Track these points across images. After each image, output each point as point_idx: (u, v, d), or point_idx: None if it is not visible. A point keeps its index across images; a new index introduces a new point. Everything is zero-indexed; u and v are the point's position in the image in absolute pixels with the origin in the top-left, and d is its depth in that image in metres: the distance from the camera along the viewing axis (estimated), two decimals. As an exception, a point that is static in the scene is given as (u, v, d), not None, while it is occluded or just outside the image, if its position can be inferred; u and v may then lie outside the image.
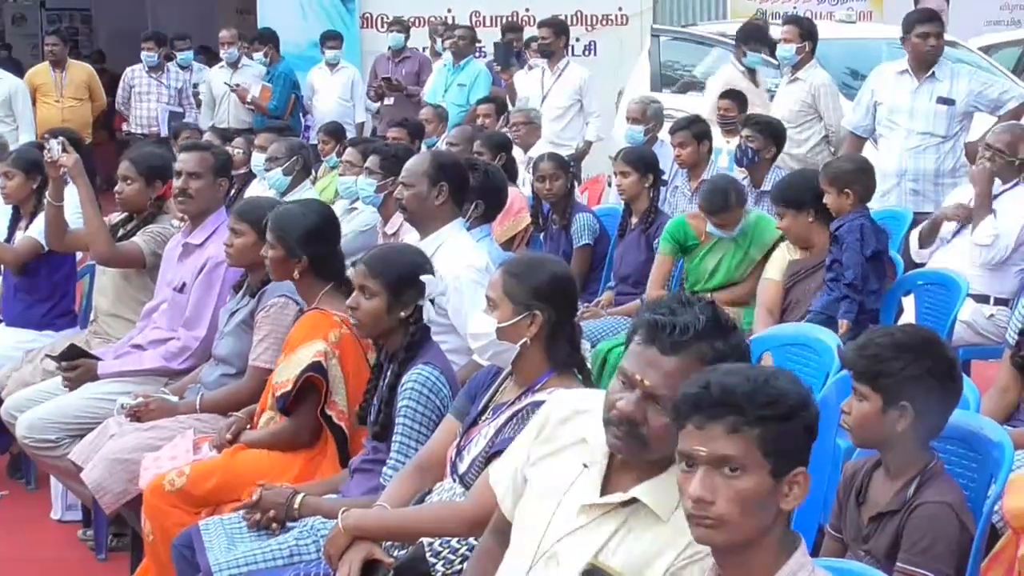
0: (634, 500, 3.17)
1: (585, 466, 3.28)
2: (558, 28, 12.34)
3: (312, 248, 5.33)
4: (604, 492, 3.23)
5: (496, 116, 11.16)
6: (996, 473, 4.00)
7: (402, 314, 4.70)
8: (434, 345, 4.83)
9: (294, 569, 4.31)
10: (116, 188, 6.86)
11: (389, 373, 4.74)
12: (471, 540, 3.94)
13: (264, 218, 5.56)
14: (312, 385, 5.08)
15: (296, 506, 4.60)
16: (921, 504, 3.79)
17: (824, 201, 6.57)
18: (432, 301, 4.73)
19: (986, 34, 14.47)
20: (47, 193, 6.94)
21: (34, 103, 13.91)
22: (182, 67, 15.16)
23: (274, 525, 4.60)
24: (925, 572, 3.70)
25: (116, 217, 7.29)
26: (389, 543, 4.14)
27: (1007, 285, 7.19)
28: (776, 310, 6.71)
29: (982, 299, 7.03)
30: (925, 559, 3.71)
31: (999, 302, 7.14)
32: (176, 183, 6.52)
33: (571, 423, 3.40)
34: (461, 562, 3.96)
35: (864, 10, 16.70)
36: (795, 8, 15.29)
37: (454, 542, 4.01)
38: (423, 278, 4.70)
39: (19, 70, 15.54)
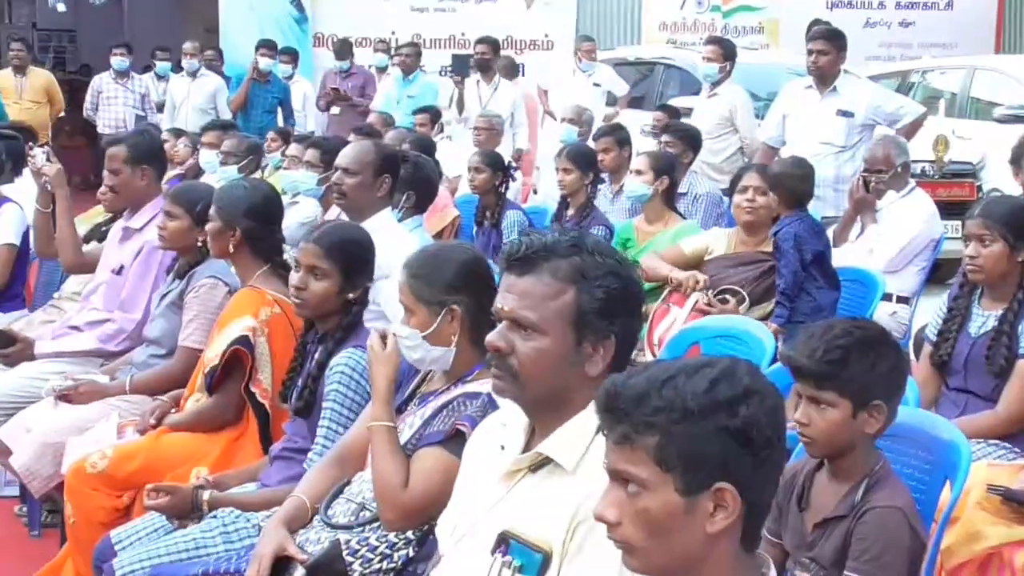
0: (541, 459, 2.58)
1: (502, 447, 2.70)
2: (495, 45, 12.16)
3: (250, 223, 4.62)
4: None
5: (431, 124, 10.67)
6: (952, 475, 3.24)
7: (350, 296, 3.98)
8: (363, 328, 4.06)
9: (202, 563, 3.50)
10: (101, 190, 6.00)
11: (319, 352, 3.99)
12: (390, 537, 3.20)
13: (198, 203, 4.92)
14: (238, 361, 4.38)
15: (203, 502, 3.81)
16: (870, 509, 3.02)
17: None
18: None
19: (868, 64, 14.23)
20: (36, 200, 6.15)
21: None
22: (159, 76, 14.68)
23: (186, 523, 3.83)
24: (874, 581, 2.95)
25: (97, 217, 6.77)
26: (303, 539, 3.34)
27: (907, 284, 6.66)
28: (668, 263, 5.95)
29: (885, 297, 6.37)
30: (875, 567, 2.96)
31: (900, 300, 6.59)
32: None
33: (491, 418, 2.87)
34: (380, 560, 3.19)
35: (763, 42, 16.88)
36: (700, 39, 14.93)
37: (373, 539, 3.23)
38: (378, 261, 4.08)
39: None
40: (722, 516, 2.00)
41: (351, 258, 3.99)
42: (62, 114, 15.27)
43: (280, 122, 13.01)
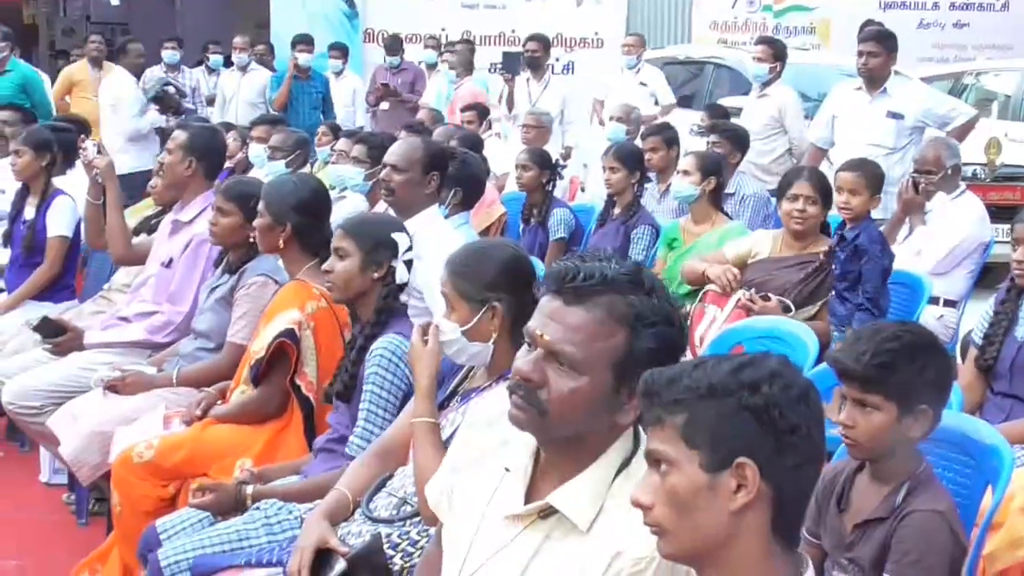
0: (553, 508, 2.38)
1: (507, 470, 2.50)
2: (545, 43, 12.04)
3: (298, 218, 4.66)
4: (529, 500, 2.44)
5: (479, 121, 10.61)
6: (994, 480, 3.23)
7: (375, 275, 4.02)
8: (406, 318, 4.10)
9: (245, 554, 3.54)
10: (151, 183, 6.23)
11: (359, 338, 4.04)
12: (431, 532, 3.19)
13: (250, 199, 4.94)
14: (284, 353, 4.41)
15: (247, 496, 3.86)
16: (911, 512, 3.01)
17: (846, 202, 5.70)
18: (408, 264, 4.07)
19: (921, 66, 14.11)
20: (87, 191, 6.24)
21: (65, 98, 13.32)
22: (211, 70, 14.70)
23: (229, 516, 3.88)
24: (914, 585, 2.95)
25: (147, 210, 6.82)
26: (345, 532, 3.37)
27: (955, 287, 6.61)
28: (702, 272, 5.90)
29: (932, 300, 6.34)
30: (915, 571, 2.95)
31: (948, 303, 6.55)
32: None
33: (496, 425, 2.57)
34: (420, 555, 3.19)
35: (814, 43, 16.78)
36: (751, 39, 14.86)
37: (414, 533, 3.26)
38: (394, 235, 4.07)
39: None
40: (743, 494, 2.03)
41: (371, 236, 4.05)
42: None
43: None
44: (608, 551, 2.29)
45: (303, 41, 13.48)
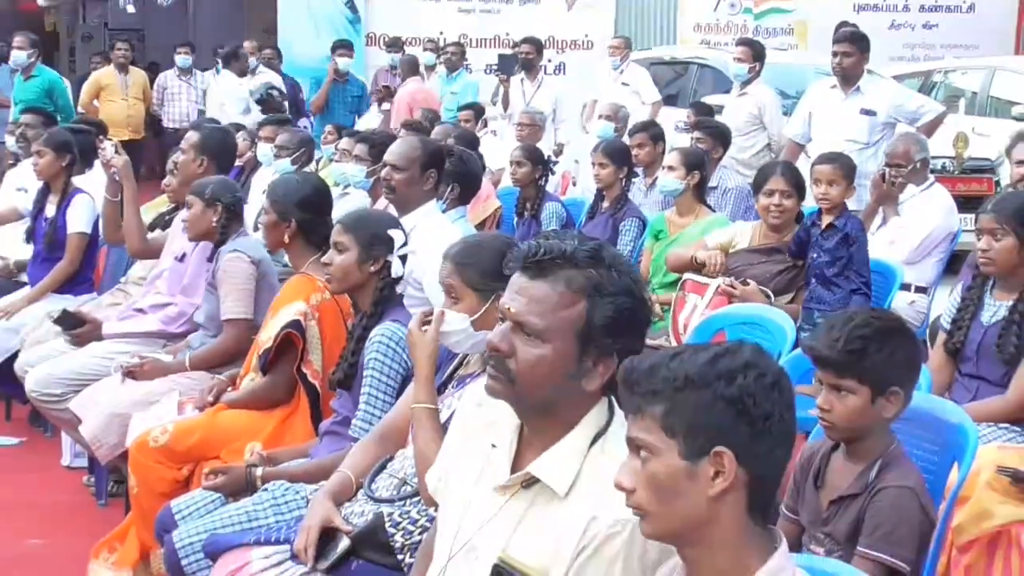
0: (532, 477, 2.41)
1: (493, 446, 2.54)
2: (538, 45, 12.05)
3: (302, 214, 4.66)
4: (514, 472, 2.48)
5: (475, 120, 10.62)
6: (960, 457, 3.23)
7: (372, 268, 4.04)
8: (402, 307, 4.12)
9: (254, 533, 3.53)
10: (165, 181, 6.20)
11: (357, 328, 4.06)
12: (431, 512, 3.19)
13: (206, 188, 5.22)
14: (291, 343, 4.42)
15: (256, 478, 3.86)
16: (883, 488, 3.01)
17: (825, 193, 5.59)
18: (403, 259, 4.08)
19: (892, 65, 14.10)
20: (105, 189, 6.23)
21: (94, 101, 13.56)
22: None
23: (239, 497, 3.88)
24: (886, 557, 2.95)
25: (162, 206, 6.73)
26: (349, 512, 3.37)
27: (926, 275, 6.58)
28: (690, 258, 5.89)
29: (903, 287, 6.32)
30: (887, 544, 2.95)
31: (919, 290, 6.53)
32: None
33: (485, 407, 2.61)
34: (420, 532, 3.21)
35: (792, 43, 16.81)
36: (733, 40, 14.85)
37: (414, 512, 3.26)
38: (390, 232, 4.08)
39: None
40: (721, 480, 2.03)
41: (366, 230, 4.07)
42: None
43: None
44: (584, 515, 2.31)
45: (343, 46, 13.51)
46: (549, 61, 15.11)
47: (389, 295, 4.07)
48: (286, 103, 12.29)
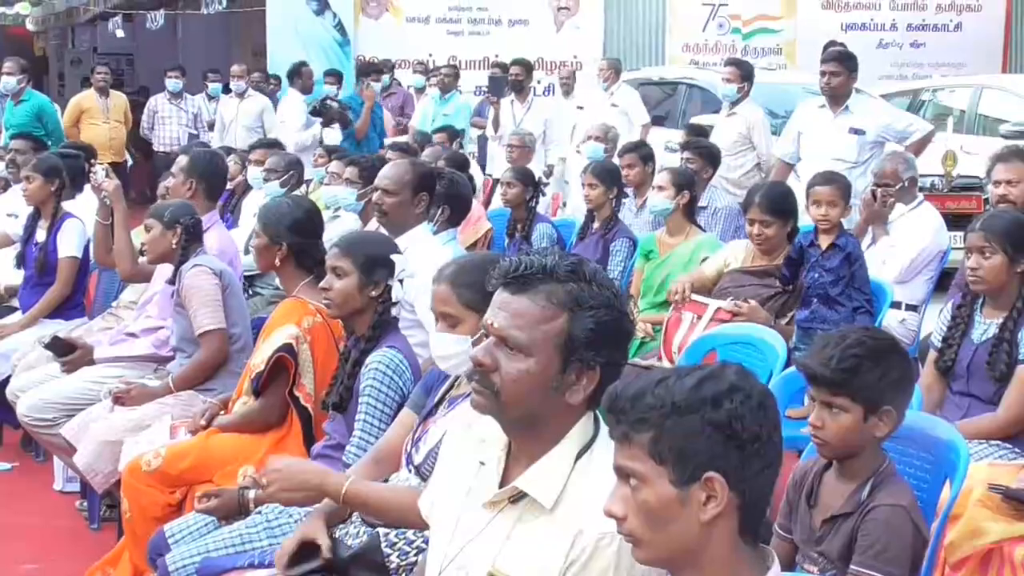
0: (519, 491, 2.43)
1: (482, 463, 2.55)
2: (528, 67, 12.15)
3: (294, 238, 4.67)
4: (502, 488, 2.49)
5: (450, 143, 10.60)
6: (951, 474, 3.24)
7: (372, 293, 4.03)
8: (398, 331, 4.12)
9: (247, 556, 3.54)
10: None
11: (353, 352, 4.05)
12: (426, 533, 3.19)
13: (164, 211, 5.32)
14: (283, 367, 4.41)
15: (249, 501, 3.85)
16: (875, 507, 3.03)
17: (825, 214, 5.64)
18: (401, 281, 4.08)
19: (880, 84, 14.18)
20: (96, 212, 6.24)
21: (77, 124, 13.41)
22: (211, 97, 14.82)
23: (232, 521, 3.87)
24: (879, 575, 2.96)
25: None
26: (343, 534, 3.37)
27: (916, 293, 6.60)
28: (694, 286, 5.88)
29: (894, 305, 6.35)
30: (879, 562, 2.97)
31: (909, 308, 6.55)
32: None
33: (475, 426, 2.64)
34: (416, 553, 3.20)
35: (780, 63, 16.97)
36: (721, 60, 14.92)
37: (410, 534, 3.25)
38: (393, 257, 4.07)
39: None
40: (713, 505, 2.03)
41: (366, 254, 4.06)
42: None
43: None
44: (571, 529, 2.32)
45: (376, 71, 13.55)
46: (539, 82, 15.15)
47: (387, 319, 4.07)
48: (347, 111, 12.38)
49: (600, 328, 2.43)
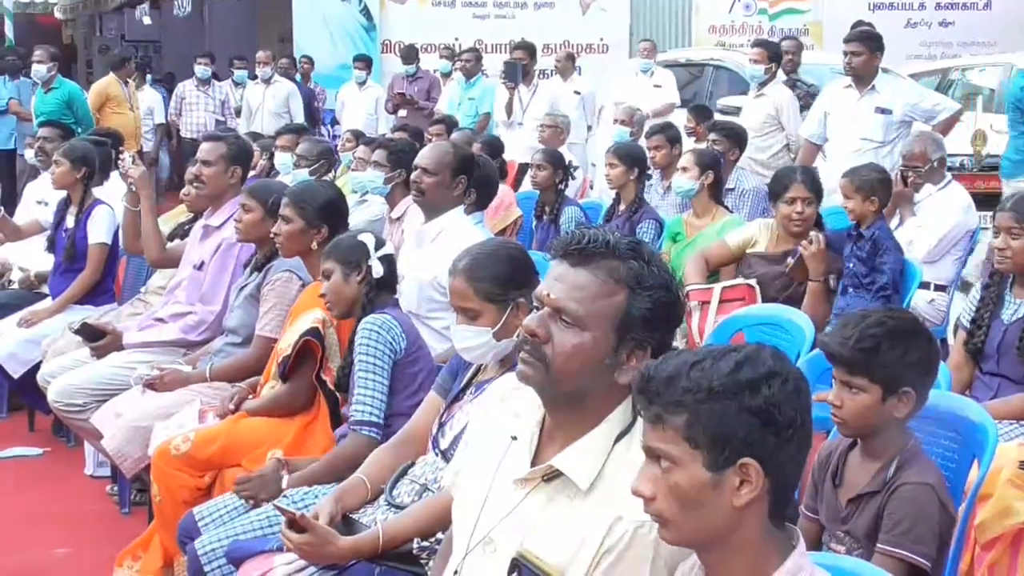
0: (554, 470, 2.40)
1: (514, 438, 2.51)
2: (531, 50, 12.15)
3: (330, 220, 4.72)
4: (535, 465, 2.46)
5: (447, 134, 10.33)
6: (980, 454, 3.23)
7: (357, 278, 4.15)
8: (390, 301, 4.23)
9: (276, 539, 3.53)
10: (184, 191, 6.13)
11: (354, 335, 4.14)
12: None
13: (271, 197, 5.00)
14: (310, 351, 4.44)
15: (283, 485, 3.89)
16: (902, 485, 3.01)
17: (845, 206, 5.73)
18: (380, 259, 4.18)
19: (909, 63, 14.08)
20: (124, 198, 6.28)
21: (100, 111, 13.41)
22: (236, 83, 14.84)
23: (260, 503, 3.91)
24: (906, 553, 2.95)
25: (180, 216, 6.81)
26: (371, 519, 3.38)
27: (945, 273, 6.57)
28: (713, 261, 5.98)
29: (923, 285, 6.31)
30: (907, 540, 2.95)
31: (938, 288, 6.51)
32: (191, 169, 5.87)
33: (508, 400, 2.62)
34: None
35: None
36: (748, 41, 14.86)
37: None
38: (360, 237, 4.22)
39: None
40: (747, 491, 2.01)
41: (342, 248, 4.21)
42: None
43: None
44: (608, 515, 2.30)
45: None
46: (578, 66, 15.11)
47: (375, 296, 4.15)
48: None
49: (657, 309, 2.41)
